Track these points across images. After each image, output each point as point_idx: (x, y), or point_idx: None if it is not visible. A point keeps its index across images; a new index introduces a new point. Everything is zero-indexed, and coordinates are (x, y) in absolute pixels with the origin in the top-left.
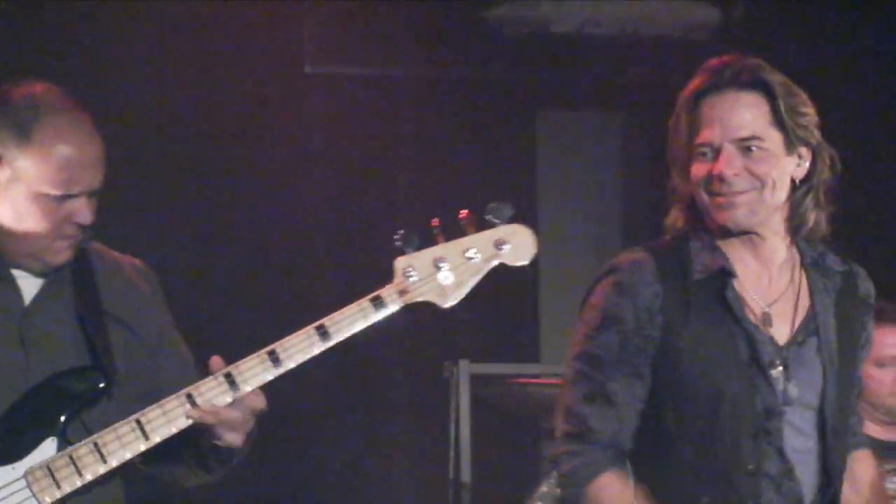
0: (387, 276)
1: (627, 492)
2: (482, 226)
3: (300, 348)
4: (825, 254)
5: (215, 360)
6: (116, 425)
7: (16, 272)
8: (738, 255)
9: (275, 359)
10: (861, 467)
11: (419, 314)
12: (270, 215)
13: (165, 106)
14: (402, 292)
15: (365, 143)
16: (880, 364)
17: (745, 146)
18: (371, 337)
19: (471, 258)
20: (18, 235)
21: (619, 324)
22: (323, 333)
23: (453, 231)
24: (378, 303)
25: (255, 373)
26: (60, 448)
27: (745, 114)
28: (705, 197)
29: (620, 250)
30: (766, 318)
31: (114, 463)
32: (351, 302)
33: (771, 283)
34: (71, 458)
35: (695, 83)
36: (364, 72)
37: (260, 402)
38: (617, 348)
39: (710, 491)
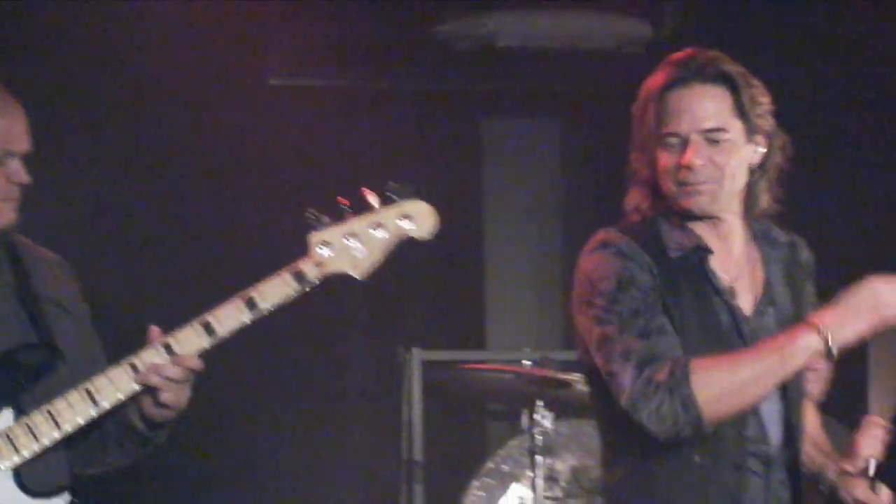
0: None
1: (712, 357)
2: (386, 203)
3: (231, 317)
4: (770, 227)
5: (154, 330)
6: (67, 394)
7: None
8: (702, 235)
9: (209, 329)
10: (814, 415)
11: (375, 305)
12: (235, 220)
13: (131, 113)
14: (318, 264)
15: (325, 152)
16: None
17: (711, 137)
18: (330, 325)
19: (378, 232)
20: None
21: (635, 283)
22: (251, 304)
23: (361, 208)
24: (298, 275)
25: (192, 340)
26: (17, 418)
27: (711, 106)
28: (672, 184)
29: (561, 246)
30: (732, 292)
31: (68, 429)
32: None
33: (731, 259)
34: (28, 425)
35: (662, 76)
36: (324, 83)
37: (196, 364)
38: (642, 302)
39: (701, 451)
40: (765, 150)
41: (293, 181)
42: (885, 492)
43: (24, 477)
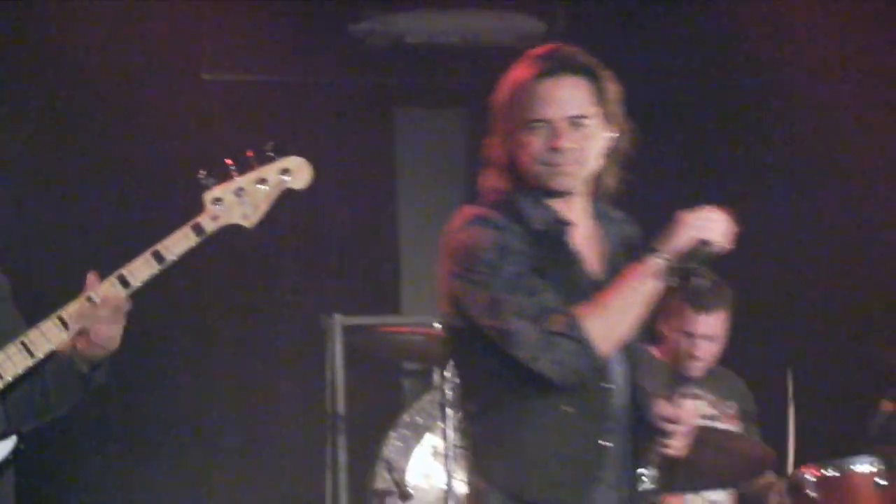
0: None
1: (593, 301)
2: (267, 161)
3: (142, 269)
4: (606, 206)
5: (90, 277)
6: (5, 348)
7: None
8: (558, 210)
9: (123, 280)
10: None
11: (301, 276)
12: (169, 210)
13: (65, 106)
14: (214, 218)
15: (254, 141)
16: (684, 333)
17: (576, 122)
18: (261, 294)
19: (263, 186)
20: None
21: (513, 250)
22: (158, 257)
23: (245, 168)
24: (197, 228)
25: (110, 291)
26: None
27: (576, 94)
28: (539, 166)
29: None
30: (585, 261)
31: (9, 378)
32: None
33: (581, 233)
34: None
35: (529, 68)
36: (253, 78)
37: (117, 303)
38: (524, 265)
39: (568, 402)
40: (616, 136)
41: (220, 169)
42: (688, 405)
43: None
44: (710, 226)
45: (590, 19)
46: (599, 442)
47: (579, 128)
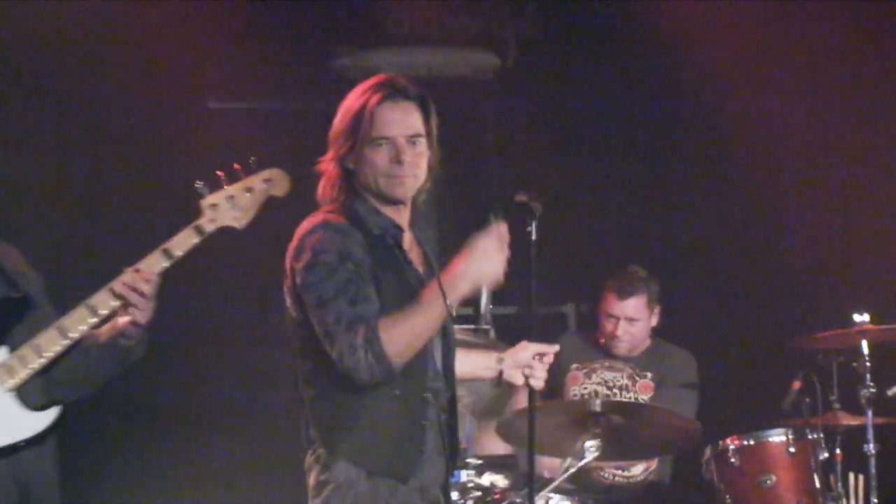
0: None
1: (392, 315)
2: (251, 172)
3: (153, 264)
4: (414, 213)
5: (126, 271)
6: (44, 331)
7: None
8: (391, 217)
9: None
10: None
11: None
12: (178, 220)
13: (83, 130)
14: (212, 220)
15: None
16: (606, 315)
17: (413, 140)
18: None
19: (249, 193)
20: None
21: (351, 257)
22: (167, 253)
23: (234, 178)
24: (198, 229)
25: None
26: (12, 351)
27: (413, 117)
28: (381, 177)
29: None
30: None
31: (50, 355)
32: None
33: (407, 237)
34: (20, 356)
35: (374, 95)
36: (252, 106)
37: (149, 285)
38: (355, 274)
39: (398, 386)
40: (433, 155)
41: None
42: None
43: (23, 396)
44: (484, 269)
45: (536, 53)
46: (422, 421)
47: (415, 145)
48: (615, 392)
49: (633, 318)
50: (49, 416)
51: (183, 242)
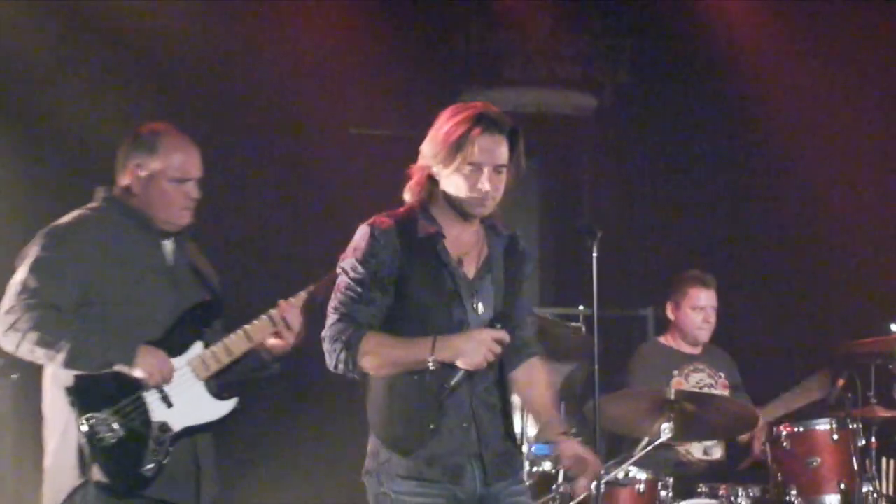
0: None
1: (383, 336)
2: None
3: (298, 299)
4: (495, 222)
5: (281, 302)
6: (233, 334)
7: (163, 242)
8: (450, 224)
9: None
10: (535, 370)
11: None
12: (320, 250)
13: (239, 156)
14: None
15: (391, 189)
16: (693, 308)
17: (499, 170)
18: None
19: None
20: (163, 208)
21: (372, 260)
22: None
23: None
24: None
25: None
26: (206, 347)
27: (503, 149)
28: (465, 197)
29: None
30: (460, 262)
31: (237, 355)
32: None
33: (463, 242)
34: (213, 353)
35: (475, 124)
36: (390, 133)
37: (297, 321)
38: (370, 277)
39: (415, 372)
40: (516, 177)
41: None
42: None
43: (211, 386)
44: (468, 353)
45: (628, 95)
46: (438, 402)
47: (500, 174)
48: (706, 391)
49: (715, 306)
50: (229, 404)
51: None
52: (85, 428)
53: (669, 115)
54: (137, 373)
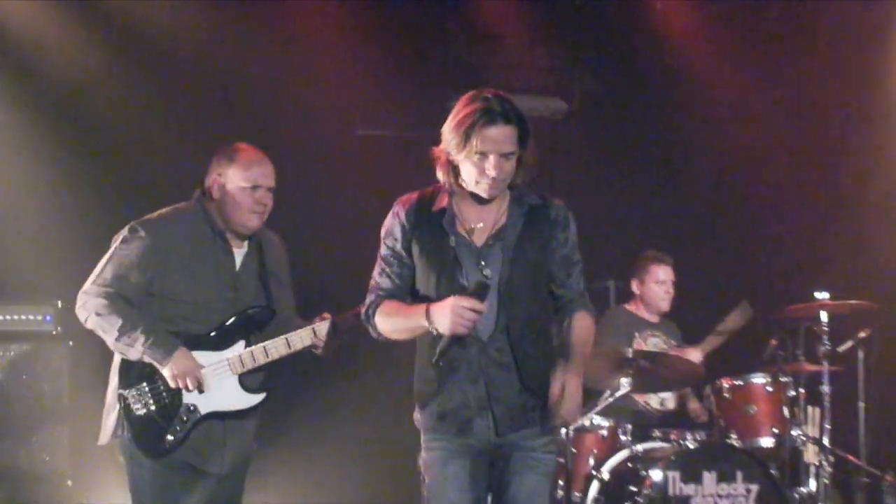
0: None
1: (403, 303)
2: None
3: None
4: (524, 193)
5: (324, 316)
6: (275, 339)
7: (234, 248)
8: (468, 199)
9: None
10: (575, 323)
11: None
12: (329, 255)
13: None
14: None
15: (396, 189)
16: (656, 282)
17: (506, 156)
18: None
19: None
20: (234, 211)
21: (391, 236)
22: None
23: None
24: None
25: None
26: (247, 347)
27: (510, 138)
28: (475, 181)
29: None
30: (471, 232)
31: (275, 358)
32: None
33: (477, 213)
34: (252, 353)
35: (485, 115)
36: (395, 134)
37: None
38: (390, 251)
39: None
40: (528, 159)
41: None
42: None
43: (244, 380)
44: (449, 320)
45: (596, 99)
46: (443, 361)
47: (508, 160)
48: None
49: (673, 279)
50: (257, 398)
51: (346, 321)
52: (121, 398)
53: (628, 115)
54: (165, 372)
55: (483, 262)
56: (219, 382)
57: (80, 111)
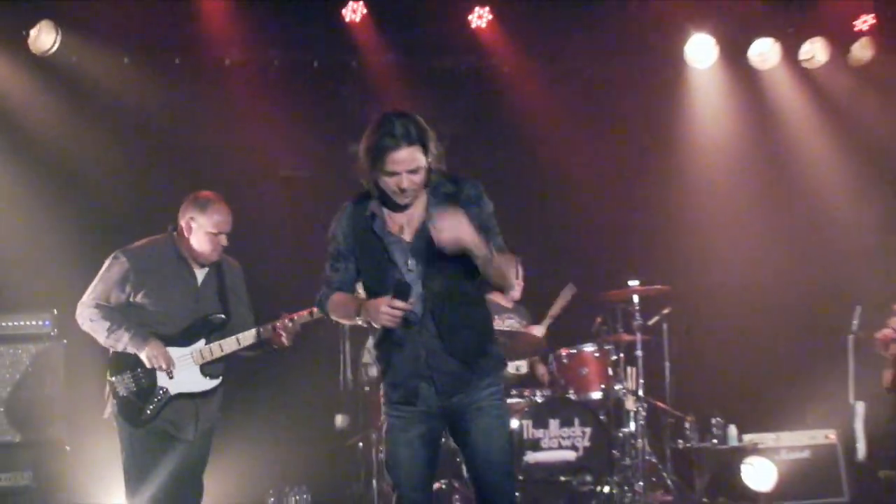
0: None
1: (347, 296)
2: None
3: (301, 319)
4: (440, 183)
5: (283, 315)
6: (227, 338)
7: (196, 270)
8: (393, 204)
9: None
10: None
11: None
12: (267, 275)
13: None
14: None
15: (319, 225)
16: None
17: (413, 171)
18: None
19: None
20: (199, 250)
21: (335, 239)
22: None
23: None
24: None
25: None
26: (206, 344)
27: (415, 155)
28: (391, 193)
29: None
30: (401, 230)
31: (228, 351)
32: None
33: (404, 215)
34: (210, 348)
35: (387, 139)
36: (310, 174)
37: (289, 333)
38: (336, 250)
39: (403, 324)
40: (436, 162)
41: (300, 244)
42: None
43: (204, 369)
44: (378, 317)
45: (461, 142)
46: (402, 336)
47: (416, 173)
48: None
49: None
50: (214, 382)
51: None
52: (110, 383)
53: (488, 152)
54: (143, 355)
55: (409, 258)
56: (184, 370)
57: (65, 164)
